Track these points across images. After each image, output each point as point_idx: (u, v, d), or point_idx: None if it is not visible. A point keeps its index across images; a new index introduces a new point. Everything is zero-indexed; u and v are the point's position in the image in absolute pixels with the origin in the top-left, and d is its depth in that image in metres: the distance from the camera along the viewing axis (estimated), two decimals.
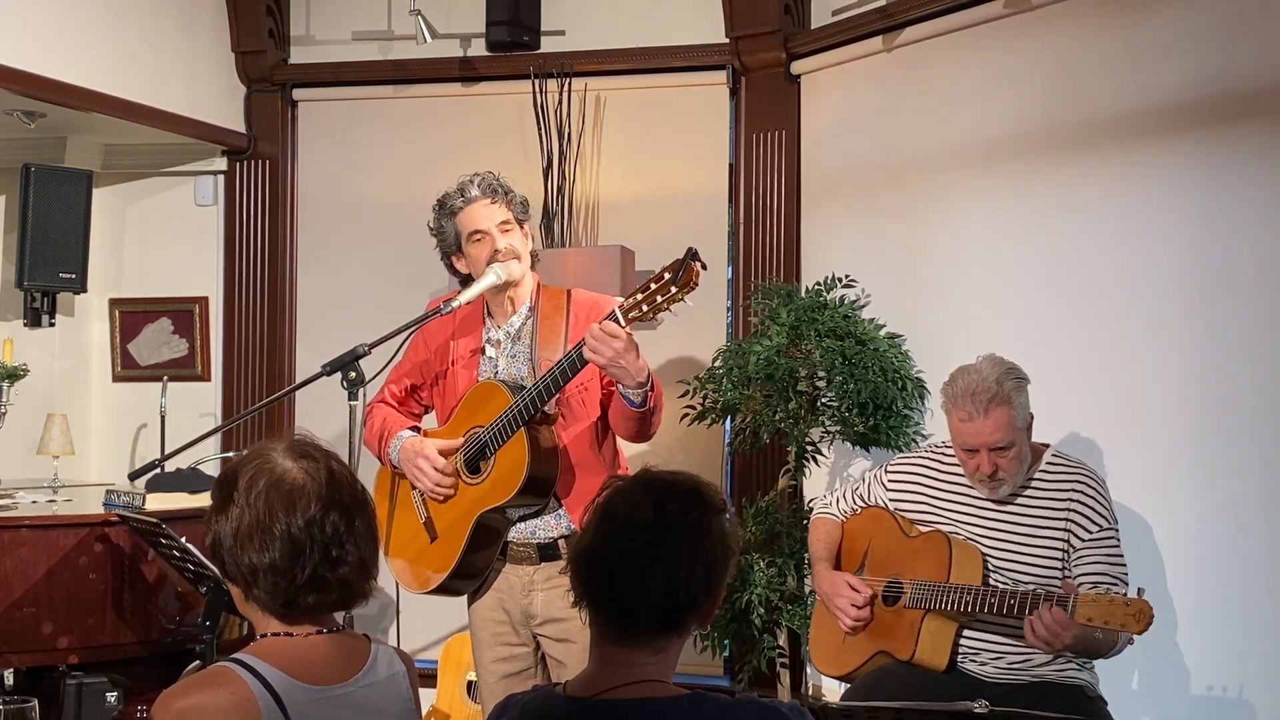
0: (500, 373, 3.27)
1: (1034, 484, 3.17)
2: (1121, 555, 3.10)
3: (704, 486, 1.95)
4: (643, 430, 3.16)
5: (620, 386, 3.05)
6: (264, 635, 1.97)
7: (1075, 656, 3.09)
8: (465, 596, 3.38)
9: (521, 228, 3.32)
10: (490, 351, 3.31)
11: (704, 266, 2.90)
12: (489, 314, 3.35)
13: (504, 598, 3.29)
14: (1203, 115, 3.62)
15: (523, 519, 3.24)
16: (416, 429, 3.37)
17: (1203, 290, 3.61)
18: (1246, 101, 3.52)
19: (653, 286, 2.90)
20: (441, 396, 3.37)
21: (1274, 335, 3.44)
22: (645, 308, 2.90)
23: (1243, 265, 3.52)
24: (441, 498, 3.23)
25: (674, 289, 2.87)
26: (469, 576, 3.29)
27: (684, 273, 2.85)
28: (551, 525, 3.22)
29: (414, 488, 3.30)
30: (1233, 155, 3.55)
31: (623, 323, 2.92)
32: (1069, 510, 3.12)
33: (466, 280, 3.32)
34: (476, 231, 3.25)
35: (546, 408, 3.11)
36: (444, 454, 3.22)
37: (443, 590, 3.31)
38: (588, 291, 3.39)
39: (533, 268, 3.35)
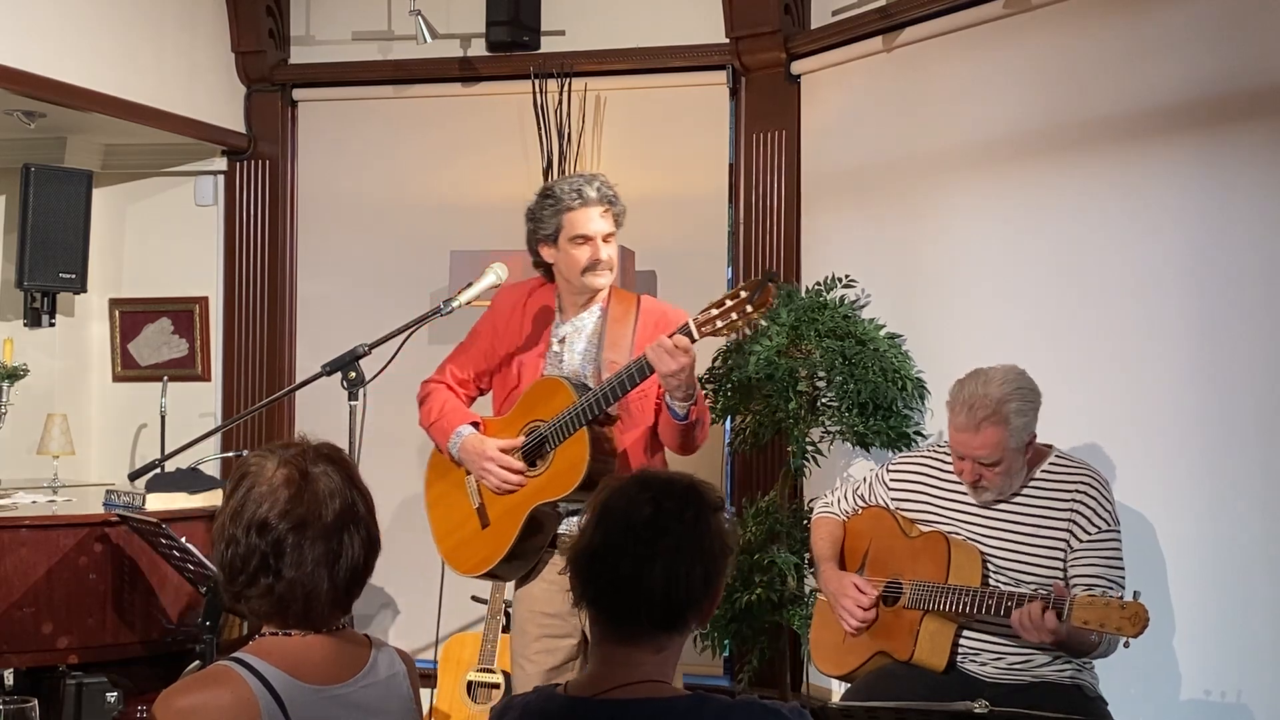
0: (565, 368, 3.31)
1: (1037, 485, 3.16)
2: (1120, 558, 3.09)
3: (700, 484, 1.96)
4: (687, 443, 3.24)
5: (668, 397, 3.11)
6: (262, 634, 1.97)
7: (1067, 654, 3.08)
8: (512, 583, 3.44)
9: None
10: (557, 346, 3.36)
11: (779, 288, 2.95)
12: (560, 309, 3.38)
13: (554, 589, 3.31)
14: (1203, 115, 3.62)
15: (573, 514, 3.28)
16: (476, 424, 3.39)
17: (1202, 290, 3.61)
18: (1246, 101, 3.52)
19: (728, 304, 2.94)
20: (503, 383, 3.42)
21: (1274, 336, 3.44)
22: (719, 323, 2.96)
23: (1243, 265, 3.52)
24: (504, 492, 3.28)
25: (749, 308, 2.91)
26: (517, 565, 3.34)
27: (761, 293, 2.90)
28: None
29: (468, 473, 3.36)
30: (1233, 155, 3.55)
31: (696, 337, 2.96)
32: (1071, 511, 3.11)
33: (547, 269, 3.37)
34: (582, 236, 3.28)
35: (610, 409, 3.16)
36: (505, 452, 3.27)
37: (490, 576, 3.38)
38: (656, 300, 3.45)
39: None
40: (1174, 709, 3.63)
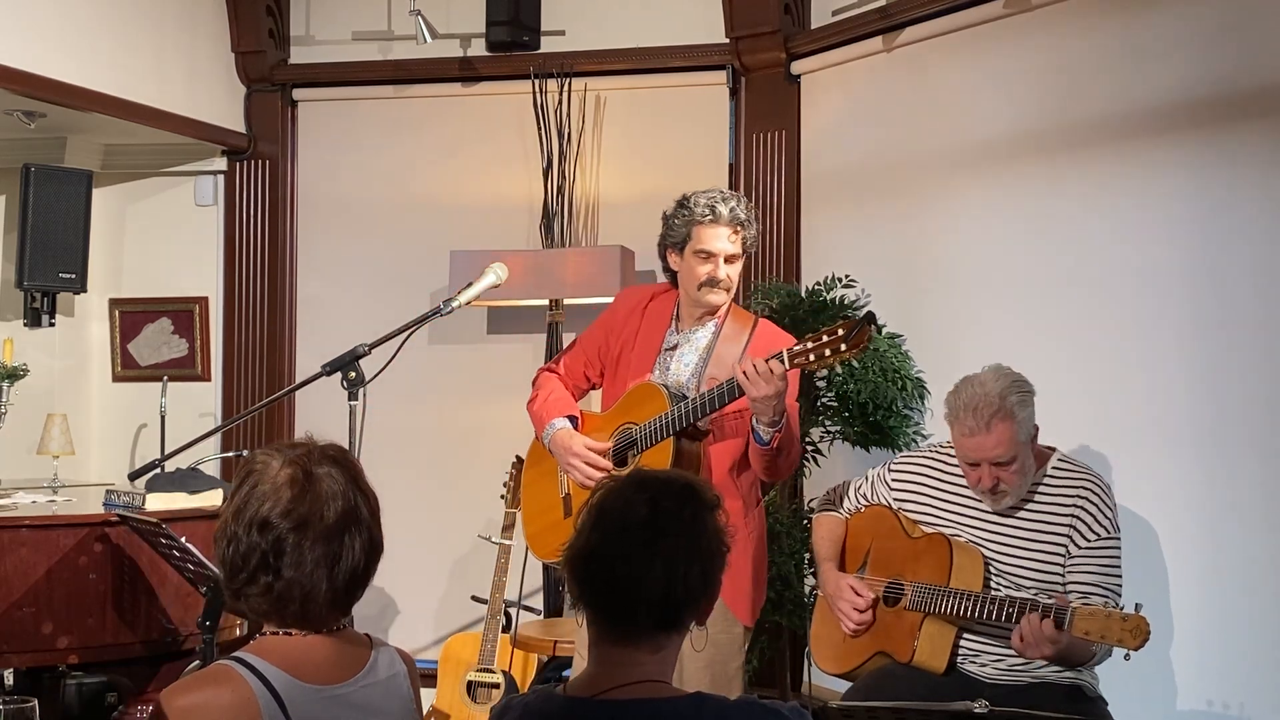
0: (670, 378, 3.33)
1: (1039, 488, 3.15)
2: (1118, 566, 3.07)
3: (697, 483, 1.96)
4: (771, 468, 3.23)
5: (754, 420, 3.12)
6: (263, 633, 1.97)
7: (1065, 666, 3.07)
8: None
9: (745, 254, 3.36)
10: (667, 355, 3.37)
11: (879, 331, 2.92)
12: (677, 318, 3.40)
13: None
14: (1202, 115, 3.62)
15: None
16: (574, 418, 3.41)
17: (1203, 290, 3.61)
18: (1246, 102, 3.52)
19: (825, 339, 2.94)
20: (613, 381, 3.44)
21: (1274, 337, 3.44)
22: (813, 357, 2.96)
23: (1243, 266, 3.52)
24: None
25: (844, 346, 2.91)
26: None
27: (858, 333, 2.89)
28: None
29: None
30: (1233, 155, 3.55)
31: (788, 365, 2.96)
32: (1073, 516, 3.09)
33: (673, 275, 3.39)
34: (706, 251, 3.29)
35: (700, 423, 3.17)
36: (593, 451, 3.30)
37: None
38: (773, 326, 3.45)
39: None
40: (1174, 715, 3.62)
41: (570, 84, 5.34)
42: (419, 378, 5.17)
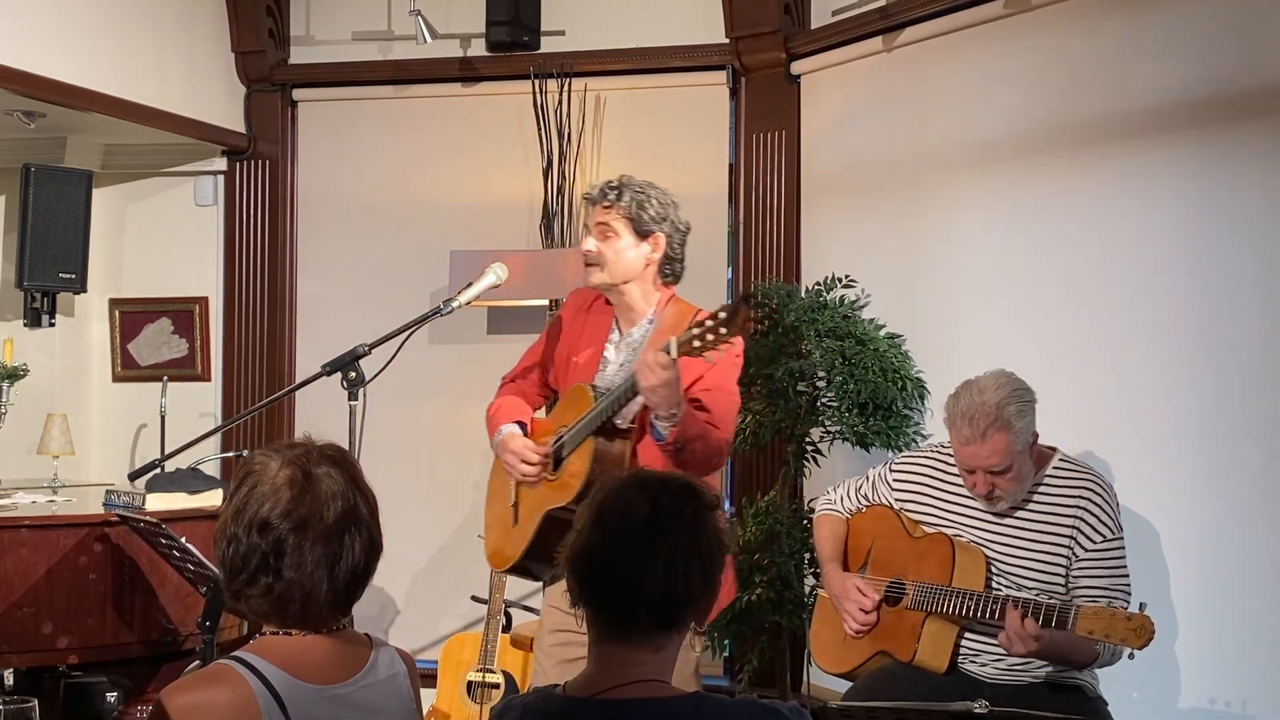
0: (610, 378, 3.28)
1: (1041, 489, 3.15)
2: (1124, 567, 3.07)
3: (696, 484, 1.96)
4: (679, 464, 3.09)
5: (652, 415, 3.06)
6: (263, 633, 1.97)
7: (1062, 665, 3.07)
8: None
9: (639, 234, 3.26)
10: (608, 355, 3.32)
11: (753, 312, 2.90)
12: (618, 318, 3.36)
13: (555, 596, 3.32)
14: (1202, 115, 3.62)
15: None
16: (523, 424, 3.38)
17: (1203, 290, 3.61)
18: (1246, 102, 3.52)
19: (707, 324, 2.90)
20: (564, 385, 3.41)
21: (1275, 337, 3.44)
22: (696, 344, 2.92)
23: (1243, 266, 3.51)
24: (530, 484, 3.29)
25: (723, 330, 2.87)
26: (539, 566, 3.33)
27: (734, 316, 2.86)
28: None
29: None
30: (1233, 155, 3.55)
31: (674, 355, 2.93)
32: (1076, 518, 3.09)
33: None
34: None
35: (618, 421, 3.12)
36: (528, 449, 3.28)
37: (515, 572, 3.38)
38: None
39: (675, 279, 3.33)
40: (1175, 715, 3.62)
41: (570, 84, 5.34)
42: (419, 378, 5.16)
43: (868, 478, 3.46)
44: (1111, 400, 3.83)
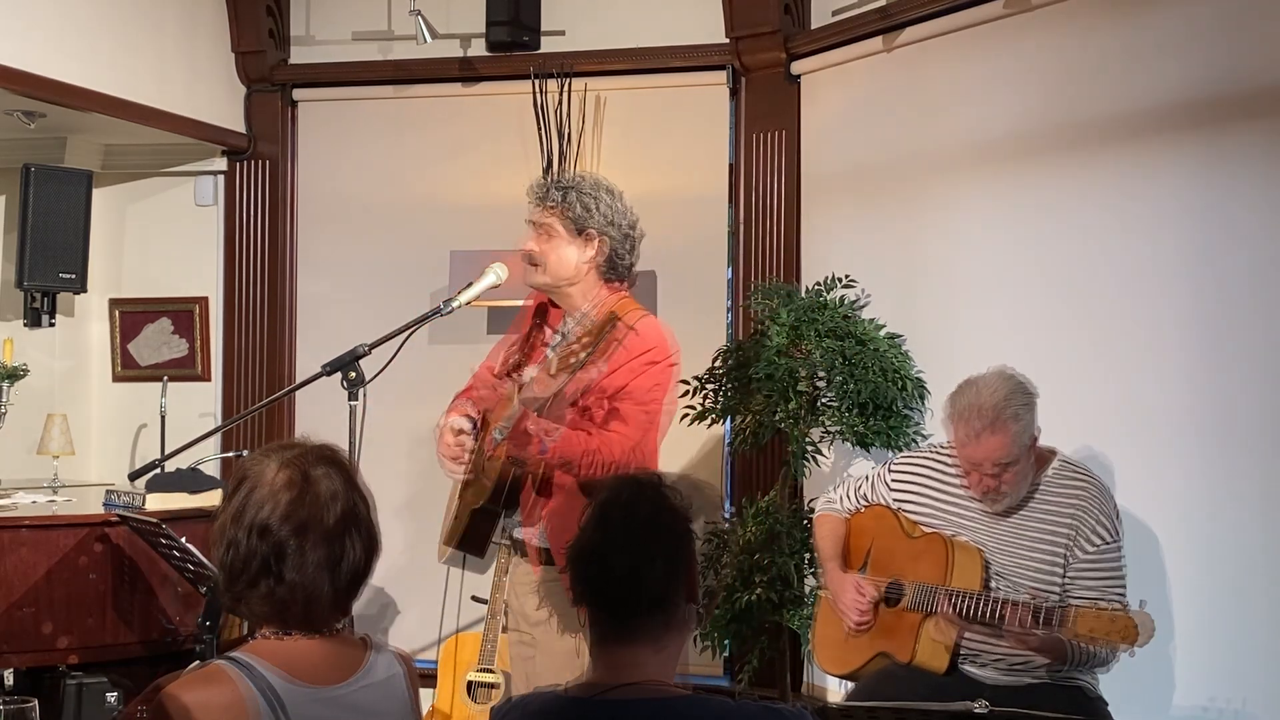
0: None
1: (1039, 490, 3.15)
2: (1121, 570, 3.07)
3: (669, 483, 2.00)
4: (574, 474, 3.10)
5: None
6: (261, 635, 1.97)
7: (1063, 665, 3.07)
8: None
9: (579, 235, 3.29)
10: (549, 353, 3.33)
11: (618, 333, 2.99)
12: (565, 317, 3.37)
13: (523, 588, 3.33)
14: (1203, 115, 3.62)
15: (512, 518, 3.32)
16: (473, 420, 3.39)
17: (1203, 291, 3.61)
18: (1246, 102, 3.52)
19: (583, 340, 3.00)
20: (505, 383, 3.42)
21: (1274, 338, 3.44)
22: (573, 360, 2.98)
23: (1243, 267, 3.51)
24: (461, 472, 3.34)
25: (587, 352, 2.96)
26: (471, 551, 3.40)
27: (600, 334, 2.95)
28: (532, 534, 3.27)
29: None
30: (1233, 155, 3.55)
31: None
32: (1074, 520, 3.09)
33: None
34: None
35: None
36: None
37: (457, 553, 3.45)
38: (650, 328, 3.26)
39: (620, 280, 3.34)
40: (1174, 714, 3.62)
41: (570, 84, 5.34)
42: (419, 378, 5.14)
43: (867, 478, 3.46)
44: (1111, 399, 3.83)
